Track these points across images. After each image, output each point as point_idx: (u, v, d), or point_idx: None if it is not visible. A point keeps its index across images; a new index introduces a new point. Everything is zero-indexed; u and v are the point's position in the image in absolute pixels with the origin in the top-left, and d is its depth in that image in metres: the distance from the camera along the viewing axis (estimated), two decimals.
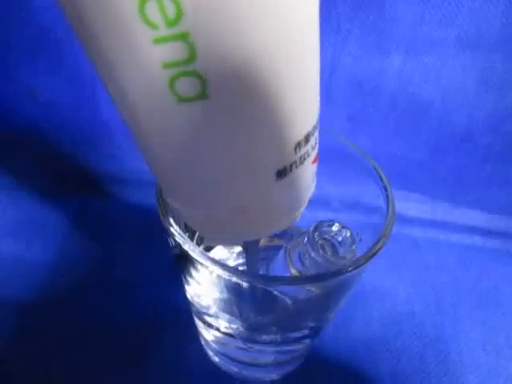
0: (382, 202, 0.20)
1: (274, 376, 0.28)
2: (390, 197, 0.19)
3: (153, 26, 0.09)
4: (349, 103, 0.34)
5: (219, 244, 0.24)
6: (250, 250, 0.20)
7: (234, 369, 0.27)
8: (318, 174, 0.16)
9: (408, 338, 0.29)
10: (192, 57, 0.09)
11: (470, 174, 0.37)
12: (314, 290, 0.18)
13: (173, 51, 0.09)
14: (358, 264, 0.17)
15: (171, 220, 0.17)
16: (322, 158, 0.16)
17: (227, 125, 0.11)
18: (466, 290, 0.32)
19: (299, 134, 0.13)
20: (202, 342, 0.27)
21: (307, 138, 0.13)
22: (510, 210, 0.37)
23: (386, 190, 0.20)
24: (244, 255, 0.21)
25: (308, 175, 0.15)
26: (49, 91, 0.35)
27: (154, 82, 0.10)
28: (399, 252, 0.34)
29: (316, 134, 0.14)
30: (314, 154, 0.15)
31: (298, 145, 0.13)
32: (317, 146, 0.15)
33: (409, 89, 0.33)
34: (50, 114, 0.36)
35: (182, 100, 0.10)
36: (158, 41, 0.09)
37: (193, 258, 0.16)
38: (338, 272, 0.16)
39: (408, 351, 0.29)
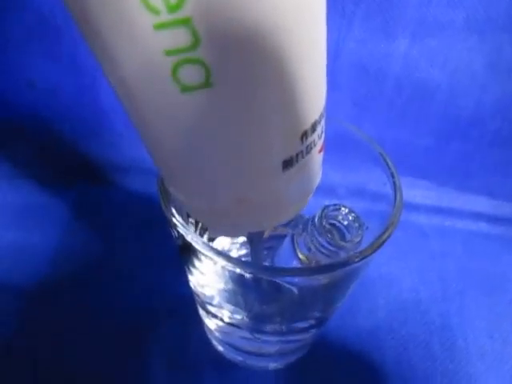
0: (388, 190, 0.19)
1: (279, 365, 0.28)
2: (398, 184, 0.19)
3: (154, 11, 0.08)
4: (354, 88, 0.34)
5: (223, 235, 0.24)
6: (255, 240, 0.19)
7: (238, 358, 0.27)
8: (324, 161, 0.16)
9: (414, 325, 0.29)
10: (195, 43, 0.09)
11: (476, 159, 0.36)
12: (319, 279, 0.18)
13: (175, 38, 0.09)
14: (365, 254, 0.16)
15: (174, 211, 0.16)
16: (327, 145, 0.15)
17: (232, 114, 0.11)
18: (472, 277, 0.32)
19: (306, 123, 0.13)
20: (206, 331, 0.27)
21: (314, 127, 0.13)
22: None
23: (393, 176, 0.19)
24: (248, 245, 0.20)
25: (314, 165, 0.15)
26: (48, 79, 0.35)
27: (156, 70, 0.10)
28: (405, 239, 0.34)
29: (322, 122, 0.14)
30: (320, 143, 0.14)
31: (305, 134, 0.13)
32: (323, 134, 0.14)
33: (415, 73, 0.33)
34: (50, 102, 0.35)
35: (186, 88, 0.10)
36: (159, 27, 0.09)
37: (196, 248, 0.15)
38: (345, 262, 0.16)
39: (414, 339, 0.28)
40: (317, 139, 0.14)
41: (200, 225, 0.20)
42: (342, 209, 0.21)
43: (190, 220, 0.18)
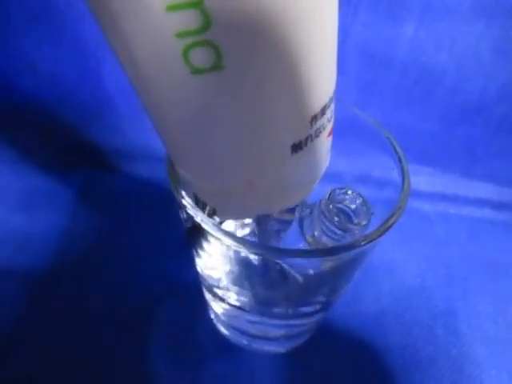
0: (395, 175, 0.19)
1: (284, 349, 0.28)
2: (406, 168, 0.19)
3: None
4: (360, 73, 0.34)
5: (231, 217, 0.24)
6: (262, 223, 0.19)
7: (243, 341, 0.27)
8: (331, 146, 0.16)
9: (418, 311, 0.29)
10: (206, 26, 0.09)
11: (481, 145, 0.36)
12: (325, 262, 0.18)
13: (186, 20, 0.09)
14: (371, 238, 0.16)
15: (183, 192, 0.16)
16: (334, 130, 0.15)
17: (242, 97, 0.11)
18: (476, 263, 0.32)
19: (316, 106, 0.12)
20: (212, 316, 0.28)
21: (323, 111, 0.13)
22: None
23: (400, 161, 0.19)
24: (255, 228, 0.20)
25: (323, 149, 0.15)
26: (51, 63, 0.34)
27: (167, 52, 0.10)
28: (410, 226, 0.34)
29: (332, 106, 0.14)
30: (329, 126, 0.14)
31: (315, 118, 0.13)
32: (332, 118, 0.14)
33: (421, 58, 0.32)
34: (53, 86, 0.35)
35: (197, 71, 0.10)
36: (170, 8, 0.09)
37: (205, 230, 0.15)
38: (351, 245, 0.16)
39: (417, 324, 0.29)
40: (326, 123, 0.14)
41: (208, 208, 0.20)
42: (349, 192, 0.21)
43: (198, 202, 0.18)
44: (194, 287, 0.26)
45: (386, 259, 0.32)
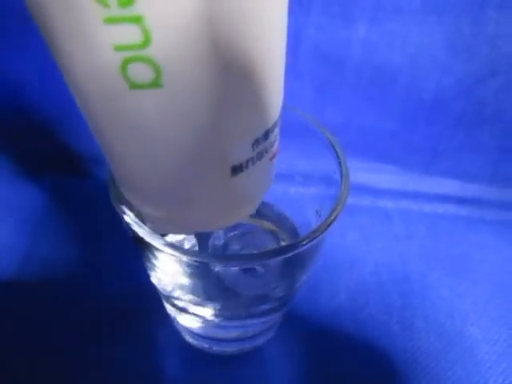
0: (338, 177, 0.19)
1: (246, 349, 0.28)
2: (344, 171, 0.19)
3: (104, 3, 0.08)
4: (315, 75, 0.34)
5: (169, 232, 0.24)
6: (201, 238, 0.20)
7: (204, 345, 0.28)
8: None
9: (374, 307, 0.30)
10: (146, 42, 0.09)
11: (442, 141, 0.36)
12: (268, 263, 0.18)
13: (125, 34, 0.09)
14: (312, 237, 0.16)
15: (124, 208, 0.16)
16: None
17: (180, 116, 0.11)
18: (435, 259, 0.32)
19: (258, 130, 0.12)
20: (172, 321, 0.28)
21: (266, 135, 0.13)
22: (484, 176, 0.37)
23: (340, 165, 0.20)
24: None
25: (265, 172, 0.15)
26: (14, 69, 0.35)
27: (105, 65, 0.09)
28: (370, 224, 0.34)
29: (276, 131, 0.14)
30: (272, 150, 0.14)
31: (256, 142, 0.13)
32: (276, 142, 0.14)
33: (375, 58, 0.33)
34: (17, 91, 0.35)
35: (135, 87, 0.10)
36: (109, 21, 0.08)
37: (150, 244, 0.15)
38: (293, 246, 0.16)
39: (373, 320, 0.29)
40: (269, 147, 0.13)
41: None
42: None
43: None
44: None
45: (345, 257, 0.32)
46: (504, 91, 0.33)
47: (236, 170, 0.13)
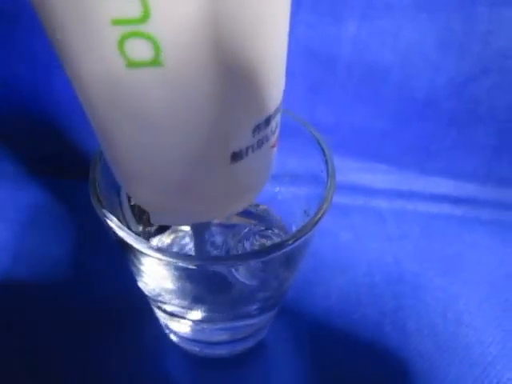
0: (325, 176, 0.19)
1: (237, 351, 0.28)
2: (331, 168, 0.19)
3: None
4: (306, 74, 0.34)
5: (166, 223, 0.24)
6: (199, 231, 0.19)
7: (195, 348, 0.27)
8: None
9: (366, 308, 0.29)
10: (145, 16, 0.08)
11: (435, 140, 0.36)
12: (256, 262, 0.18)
13: (123, 7, 0.08)
14: (298, 236, 0.16)
15: (106, 212, 0.16)
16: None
17: (180, 98, 0.10)
18: (428, 259, 0.32)
19: (260, 116, 0.12)
20: (161, 324, 0.28)
21: (267, 122, 0.12)
22: (478, 175, 0.36)
23: (326, 163, 0.19)
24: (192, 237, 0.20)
25: (265, 160, 0.14)
26: (14, 68, 0.34)
27: (102, 40, 0.09)
28: (364, 224, 0.34)
29: (277, 117, 0.13)
30: (273, 138, 0.14)
31: (257, 128, 0.12)
32: (277, 130, 0.14)
33: (366, 56, 0.32)
34: (5, 92, 0.35)
35: (132, 64, 0.09)
36: None
37: (135, 248, 0.15)
38: (279, 246, 0.16)
39: (366, 321, 0.29)
40: (270, 134, 0.13)
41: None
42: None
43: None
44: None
45: (338, 258, 0.32)
46: (497, 89, 0.33)
47: (236, 156, 0.12)
